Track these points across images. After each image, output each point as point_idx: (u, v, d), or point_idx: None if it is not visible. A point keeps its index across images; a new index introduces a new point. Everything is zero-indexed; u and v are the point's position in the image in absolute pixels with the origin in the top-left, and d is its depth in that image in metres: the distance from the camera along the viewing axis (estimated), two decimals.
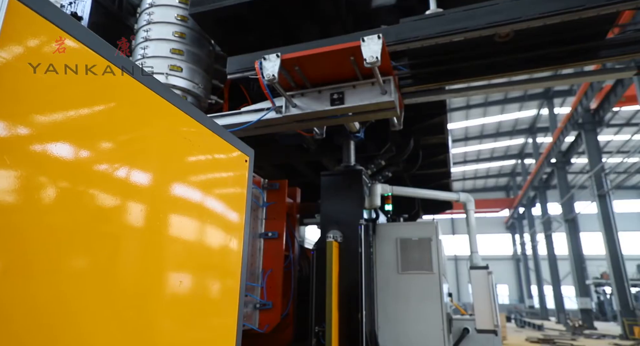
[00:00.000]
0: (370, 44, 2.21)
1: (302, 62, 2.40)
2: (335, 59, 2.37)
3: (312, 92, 2.65)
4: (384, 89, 2.46)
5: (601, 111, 17.37)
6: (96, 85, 1.10)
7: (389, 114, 2.69)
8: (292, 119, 2.74)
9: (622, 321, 16.22)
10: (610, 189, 17.59)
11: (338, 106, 2.58)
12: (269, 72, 2.37)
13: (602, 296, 28.56)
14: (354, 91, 2.57)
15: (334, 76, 2.56)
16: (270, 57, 2.40)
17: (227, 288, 1.69)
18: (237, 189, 1.92)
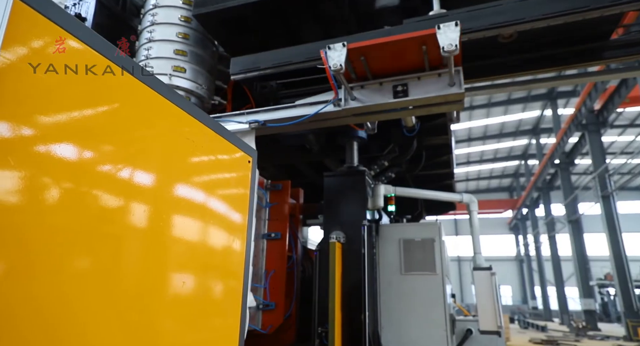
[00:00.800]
0: (447, 31, 2.10)
1: (368, 52, 2.29)
2: (404, 48, 2.25)
3: (372, 84, 2.54)
4: (453, 80, 2.34)
5: (605, 112, 17.28)
6: (99, 85, 1.10)
7: (454, 107, 2.57)
8: (350, 113, 2.64)
9: (626, 322, 16.11)
10: (614, 190, 17.49)
11: (402, 99, 2.46)
12: (336, 62, 2.26)
13: (605, 298, 28.38)
14: (419, 83, 2.45)
15: (397, 67, 2.44)
16: (336, 47, 2.29)
17: (230, 288, 1.69)
18: (240, 190, 1.92)
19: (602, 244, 18.32)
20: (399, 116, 2.84)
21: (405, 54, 2.31)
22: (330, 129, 3.81)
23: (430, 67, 2.40)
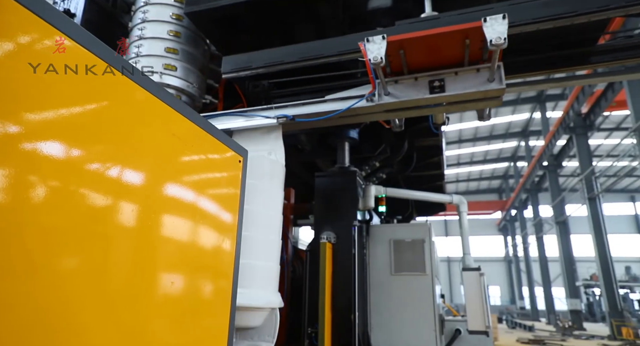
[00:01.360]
0: (493, 24, 2.05)
1: (408, 45, 2.21)
2: (445, 41, 2.19)
3: (407, 79, 2.46)
4: (494, 75, 2.29)
5: (592, 115, 17.58)
6: (88, 83, 1.09)
7: (491, 103, 2.50)
8: (383, 108, 2.54)
9: (610, 322, 16.43)
10: (600, 192, 17.79)
11: (439, 94, 2.39)
12: (376, 55, 2.18)
13: (591, 298, 28.86)
14: (456, 78, 2.39)
15: (433, 62, 2.38)
16: (375, 39, 2.20)
17: (220, 288, 1.68)
18: (231, 190, 1.91)
19: (588, 245, 18.63)
20: (432, 113, 2.77)
21: (444, 47, 2.24)
22: (322, 130, 3.81)
23: (469, 62, 2.33)
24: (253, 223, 2.52)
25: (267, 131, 2.79)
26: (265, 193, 2.64)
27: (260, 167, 2.65)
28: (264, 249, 2.55)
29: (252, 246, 2.49)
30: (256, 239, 2.52)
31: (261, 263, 2.52)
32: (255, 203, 2.56)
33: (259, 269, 2.50)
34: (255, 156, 2.66)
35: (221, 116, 2.87)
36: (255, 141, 2.76)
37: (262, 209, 2.60)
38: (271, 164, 2.72)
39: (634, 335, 15.53)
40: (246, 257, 2.43)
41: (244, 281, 2.40)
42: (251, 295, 2.40)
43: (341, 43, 2.57)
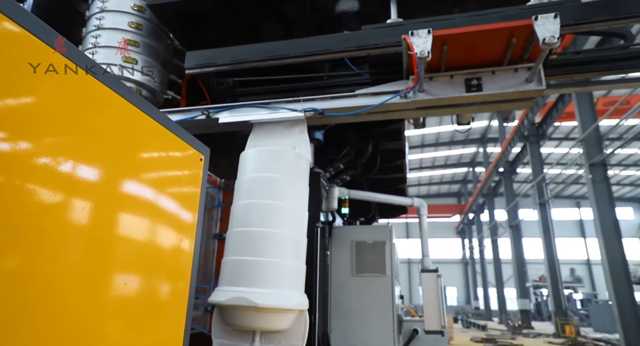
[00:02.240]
0: (545, 23, 2.02)
1: (452, 41, 2.17)
2: (488, 39, 2.15)
3: (443, 76, 2.40)
4: (533, 76, 2.27)
5: (544, 125, 18.66)
6: (38, 73, 1.03)
7: (525, 104, 2.48)
8: (416, 105, 2.48)
9: (555, 320, 17.48)
10: (550, 198, 18.92)
11: (475, 93, 2.34)
12: (422, 49, 2.12)
13: (539, 298, 30.54)
14: (493, 78, 2.35)
15: (471, 60, 2.33)
16: (420, 33, 2.15)
17: (176, 289, 1.63)
18: (191, 189, 1.86)
19: (538, 248, 19.73)
20: (465, 112, 2.72)
21: (487, 45, 2.21)
22: None
23: (509, 62, 2.31)
24: (280, 220, 2.41)
25: (290, 124, 2.67)
26: (292, 189, 2.52)
27: (285, 162, 2.54)
28: (293, 248, 2.43)
29: (280, 244, 2.38)
30: (284, 238, 2.40)
31: (290, 263, 2.41)
32: (282, 199, 2.44)
33: (288, 269, 2.37)
34: (279, 150, 2.55)
35: (241, 107, 2.72)
36: (278, 135, 2.65)
37: (289, 205, 2.47)
38: (297, 158, 2.59)
39: (575, 332, 16.60)
40: (274, 256, 2.34)
41: (272, 282, 2.29)
42: (281, 296, 2.28)
43: (308, 44, 2.58)
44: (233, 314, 2.31)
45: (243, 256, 2.34)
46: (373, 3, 2.78)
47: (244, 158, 2.66)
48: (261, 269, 2.29)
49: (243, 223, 2.43)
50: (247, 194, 2.50)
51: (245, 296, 2.22)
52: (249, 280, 2.28)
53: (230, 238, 2.48)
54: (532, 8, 2.36)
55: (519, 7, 2.35)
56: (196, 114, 2.75)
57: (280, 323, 2.31)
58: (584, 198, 33.64)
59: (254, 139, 2.71)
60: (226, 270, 2.41)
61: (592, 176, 13.66)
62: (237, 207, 2.53)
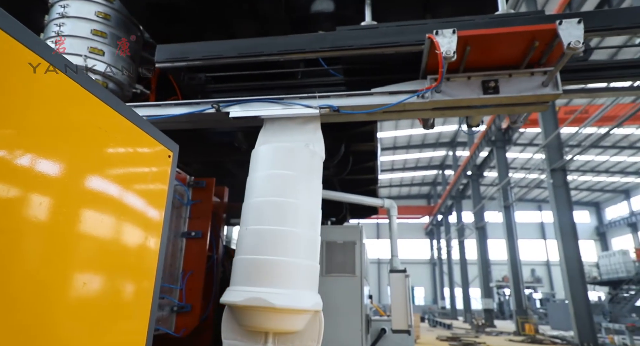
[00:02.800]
0: (569, 27, 2.04)
1: (473, 42, 2.16)
2: (512, 41, 2.17)
3: (460, 77, 2.39)
4: (549, 80, 2.29)
5: (510, 131, 19.39)
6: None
7: (538, 108, 2.51)
8: (432, 105, 2.47)
9: (516, 319, 18.21)
10: (514, 201, 19.68)
11: (492, 95, 2.35)
12: (448, 49, 2.10)
13: (502, 297, 31.68)
14: (509, 81, 2.37)
15: (489, 62, 2.33)
16: (445, 33, 2.14)
17: (140, 289, 1.59)
18: (158, 186, 1.81)
19: (502, 249, 20.48)
20: (478, 114, 2.73)
21: (507, 48, 2.22)
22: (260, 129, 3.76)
23: (527, 65, 2.34)
24: (295, 218, 2.35)
25: (304, 121, 2.61)
26: (306, 186, 2.46)
27: (299, 159, 2.48)
28: (308, 247, 2.38)
29: (295, 243, 2.32)
30: (299, 236, 2.34)
31: (306, 262, 2.35)
32: (296, 197, 2.38)
33: (303, 269, 2.32)
34: (292, 147, 2.49)
35: (253, 101, 2.64)
36: (291, 131, 2.59)
37: (303, 203, 2.41)
38: (311, 156, 2.53)
39: (534, 330, 17.34)
40: (290, 255, 2.27)
41: (287, 282, 2.23)
42: (297, 297, 2.22)
43: (283, 43, 2.56)
44: (246, 314, 2.24)
45: (257, 256, 2.28)
46: (348, 5, 2.80)
47: (256, 155, 2.59)
48: (276, 269, 2.23)
49: (256, 221, 2.36)
50: (260, 192, 2.43)
51: (261, 296, 2.15)
52: (264, 280, 2.21)
53: (243, 237, 2.40)
54: (500, 17, 2.45)
55: (488, 16, 2.44)
56: (205, 107, 2.65)
57: (294, 324, 2.25)
58: (545, 201, 35.19)
59: (266, 135, 2.63)
60: (239, 269, 2.33)
61: (553, 180, 14.32)
62: (250, 205, 2.45)
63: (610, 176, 31.99)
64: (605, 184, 34.06)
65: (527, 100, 2.39)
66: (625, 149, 27.03)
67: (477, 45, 2.20)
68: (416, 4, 2.79)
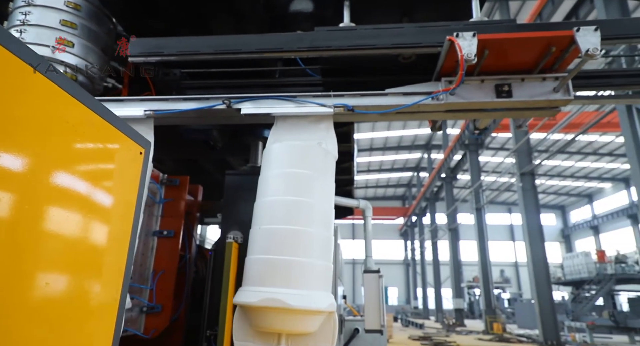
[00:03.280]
0: (586, 35, 2.09)
1: (491, 46, 2.19)
2: (528, 46, 2.19)
3: (474, 80, 2.39)
4: (560, 86, 2.34)
5: (483, 135, 19.92)
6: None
7: (549, 113, 2.55)
8: (445, 108, 2.48)
9: (485, 318, 18.75)
10: (485, 204, 20.25)
11: (505, 99, 2.38)
12: (469, 52, 2.11)
13: (472, 297, 32.52)
14: (522, 85, 2.40)
15: (501, 66, 2.35)
16: (465, 36, 2.14)
17: (107, 289, 1.54)
18: (128, 183, 1.76)
19: (473, 250, 21.04)
20: (490, 117, 2.77)
21: (523, 52, 2.25)
22: (235, 127, 3.73)
23: (541, 70, 2.39)
24: (310, 218, 2.30)
25: (316, 119, 2.56)
26: (320, 186, 2.42)
27: (313, 158, 2.44)
28: (323, 247, 2.33)
29: (310, 243, 2.27)
30: (314, 236, 2.29)
31: (320, 262, 2.30)
32: (310, 196, 2.34)
33: (318, 269, 2.27)
34: (306, 145, 2.45)
35: (265, 98, 2.58)
36: (303, 130, 2.54)
37: (318, 203, 2.36)
38: (324, 154, 2.50)
39: (502, 329, 17.90)
40: (305, 255, 2.23)
41: (302, 282, 2.18)
42: (312, 297, 2.17)
43: (261, 41, 2.55)
44: (260, 315, 2.19)
45: (272, 255, 2.23)
46: (327, 6, 2.81)
47: (269, 153, 2.54)
48: (292, 269, 2.19)
49: (271, 220, 2.31)
50: (274, 191, 2.39)
51: (277, 297, 2.11)
52: (279, 280, 2.17)
53: (256, 236, 2.35)
54: (475, 24, 2.51)
55: (463, 23, 2.50)
56: (215, 103, 2.58)
57: (309, 325, 2.21)
58: (515, 204, 36.39)
59: (277, 133, 2.58)
60: (253, 270, 2.28)
61: (522, 184, 14.82)
62: (264, 204, 2.41)
63: (575, 181, 33.40)
64: (571, 189, 35.54)
65: (539, 105, 2.43)
66: (589, 155, 28.29)
67: (495, 49, 2.23)
68: (394, 8, 2.83)
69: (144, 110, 2.59)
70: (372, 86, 2.60)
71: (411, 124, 28.13)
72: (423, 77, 2.68)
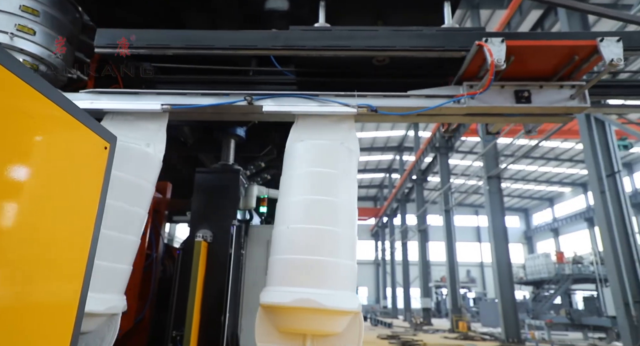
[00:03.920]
0: (610, 45, 2.16)
1: (517, 52, 2.22)
2: (554, 54, 2.25)
3: (494, 86, 2.39)
4: (576, 94, 2.43)
5: (453, 139, 20.48)
6: None
7: (563, 119, 2.62)
8: (465, 111, 2.51)
9: (451, 317, 19.28)
10: (454, 206, 20.82)
11: (524, 105, 2.43)
12: (499, 57, 2.13)
13: (439, 297, 33.37)
14: (540, 92, 2.46)
15: (521, 72, 2.39)
16: (494, 41, 2.17)
17: (66, 290, 1.47)
18: (91, 179, 1.70)
19: (441, 251, 21.59)
20: (506, 122, 2.80)
21: (546, 59, 2.31)
22: (207, 124, 3.66)
23: (559, 78, 2.46)
24: (338, 217, 2.29)
25: (338, 119, 2.55)
26: (345, 185, 2.41)
27: (337, 157, 2.43)
28: (350, 247, 2.31)
29: (340, 243, 2.25)
30: (342, 236, 2.27)
31: (348, 262, 2.27)
32: (337, 195, 2.32)
33: (346, 269, 2.24)
34: (331, 145, 2.44)
35: (287, 96, 2.56)
36: (325, 129, 2.52)
37: (343, 202, 2.35)
38: (348, 154, 2.48)
39: (467, 327, 18.46)
40: (334, 255, 2.20)
41: (332, 282, 2.15)
42: (342, 297, 2.13)
43: (235, 37, 2.51)
44: (289, 316, 2.15)
45: (303, 255, 2.19)
46: (302, 5, 2.80)
47: (292, 152, 2.51)
48: (324, 269, 2.17)
49: (299, 220, 2.28)
50: (301, 190, 2.35)
51: (310, 297, 2.07)
52: (309, 280, 2.13)
53: (284, 236, 2.30)
54: (447, 30, 2.58)
55: (435, 28, 2.56)
56: (236, 100, 2.53)
57: (337, 326, 2.17)
58: (482, 206, 37.59)
59: (298, 131, 2.55)
60: (281, 269, 2.24)
61: (489, 187, 15.34)
62: (291, 203, 2.36)
63: (537, 185, 34.90)
64: (533, 192, 37.10)
65: (557, 111, 2.50)
66: (551, 160, 29.63)
67: (520, 55, 2.26)
68: (369, 11, 2.86)
69: (161, 104, 2.54)
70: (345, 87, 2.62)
71: (384, 126, 28.54)
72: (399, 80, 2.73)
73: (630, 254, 8.41)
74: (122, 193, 2.31)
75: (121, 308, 2.30)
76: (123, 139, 2.40)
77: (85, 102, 2.57)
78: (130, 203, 2.37)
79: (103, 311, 2.13)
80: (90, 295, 2.08)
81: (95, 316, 2.13)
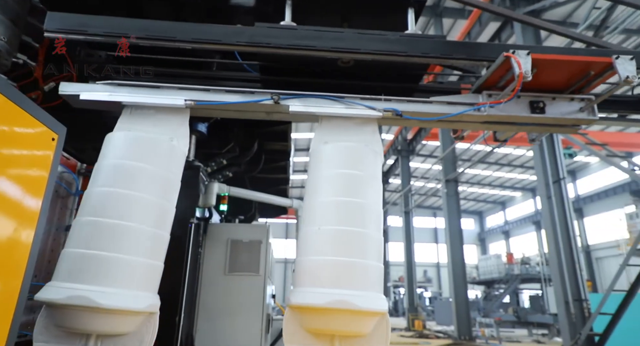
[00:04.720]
0: (624, 63, 2.31)
1: (540, 65, 2.32)
2: (572, 68, 2.38)
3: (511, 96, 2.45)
4: (586, 107, 2.57)
5: (414, 142, 21.09)
6: None
7: (571, 130, 2.78)
8: (484, 119, 2.60)
9: (408, 316, 19.82)
10: (413, 207, 21.42)
11: (539, 115, 2.55)
12: (526, 69, 2.22)
13: (397, 296, 34.19)
14: (553, 103, 2.59)
15: (536, 84, 2.48)
16: (520, 53, 2.26)
17: (3, 288, 1.38)
18: (36, 171, 1.60)
19: (400, 251, 22.15)
20: (518, 130, 2.91)
21: (563, 73, 2.44)
22: None
23: (573, 91, 2.61)
24: (367, 219, 2.27)
25: (362, 122, 2.55)
26: (372, 187, 2.40)
27: (364, 159, 2.43)
28: (377, 248, 2.28)
29: (369, 245, 2.23)
30: (371, 237, 2.26)
31: (376, 264, 2.25)
32: (366, 197, 2.32)
33: (375, 271, 2.22)
34: (356, 147, 2.45)
35: (313, 97, 2.54)
36: (350, 131, 2.53)
37: (372, 204, 2.34)
38: (374, 156, 2.49)
39: (422, 326, 19.05)
40: (365, 257, 2.19)
41: (363, 284, 2.13)
42: (372, 298, 2.11)
43: (198, 30, 2.44)
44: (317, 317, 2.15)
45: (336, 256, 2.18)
46: (268, 2, 2.78)
47: (319, 153, 2.48)
48: (355, 271, 2.17)
49: (331, 221, 2.25)
50: (331, 191, 2.34)
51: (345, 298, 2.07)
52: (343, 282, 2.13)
53: (315, 237, 2.28)
54: (410, 36, 2.64)
55: (399, 34, 2.62)
56: (262, 98, 2.51)
57: (365, 327, 2.16)
58: (439, 209, 38.89)
59: (323, 133, 2.54)
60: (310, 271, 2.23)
61: (447, 190, 15.92)
62: (321, 204, 2.34)
63: (491, 189, 36.59)
64: (488, 196, 38.88)
65: (567, 122, 2.66)
66: (505, 166, 31.18)
67: (542, 67, 2.38)
68: (335, 12, 2.87)
69: (185, 99, 2.47)
70: (308, 87, 2.62)
71: None
72: (359, 83, 2.76)
73: (571, 256, 9.01)
74: (153, 187, 2.28)
75: (158, 307, 2.23)
76: (146, 132, 2.40)
77: (102, 93, 2.49)
78: (161, 197, 2.33)
79: (144, 309, 2.07)
80: (128, 293, 2.02)
81: (135, 315, 2.05)
